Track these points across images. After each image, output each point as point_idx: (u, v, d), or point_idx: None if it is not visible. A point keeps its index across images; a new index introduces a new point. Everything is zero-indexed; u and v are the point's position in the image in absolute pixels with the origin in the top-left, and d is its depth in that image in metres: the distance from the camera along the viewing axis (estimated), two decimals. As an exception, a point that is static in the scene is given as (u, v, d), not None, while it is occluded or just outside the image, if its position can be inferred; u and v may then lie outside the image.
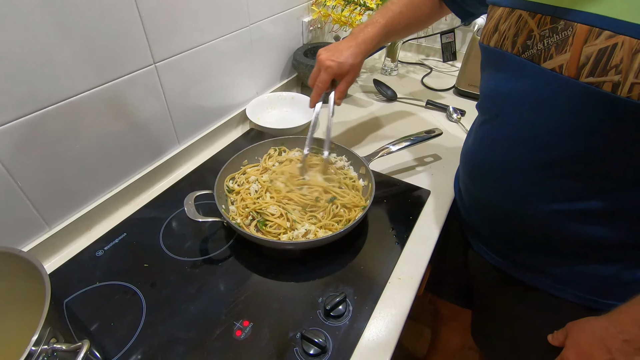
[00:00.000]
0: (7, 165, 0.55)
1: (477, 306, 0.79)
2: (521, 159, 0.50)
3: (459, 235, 0.75)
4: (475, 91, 1.10)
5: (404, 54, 1.41)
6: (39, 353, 0.35)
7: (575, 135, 0.44)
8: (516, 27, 0.48)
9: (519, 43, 0.47)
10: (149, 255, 0.65)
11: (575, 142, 0.44)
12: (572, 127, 0.44)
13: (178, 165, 0.85)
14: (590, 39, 0.40)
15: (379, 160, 0.79)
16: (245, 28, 0.90)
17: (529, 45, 0.46)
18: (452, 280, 0.84)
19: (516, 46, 0.48)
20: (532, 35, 0.46)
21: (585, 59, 0.40)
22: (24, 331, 0.46)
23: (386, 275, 0.62)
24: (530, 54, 0.46)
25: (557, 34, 0.43)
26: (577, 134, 0.44)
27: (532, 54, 0.46)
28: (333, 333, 0.54)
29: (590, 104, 0.41)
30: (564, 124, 0.44)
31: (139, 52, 0.67)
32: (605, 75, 0.39)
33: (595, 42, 0.39)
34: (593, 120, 0.42)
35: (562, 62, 0.42)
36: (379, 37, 0.70)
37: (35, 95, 0.55)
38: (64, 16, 0.55)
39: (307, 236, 0.63)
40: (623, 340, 0.45)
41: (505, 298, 0.66)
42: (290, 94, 1.04)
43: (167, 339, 0.53)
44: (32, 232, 0.62)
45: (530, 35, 0.46)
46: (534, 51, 0.46)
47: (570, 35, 0.42)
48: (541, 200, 0.51)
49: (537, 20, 0.45)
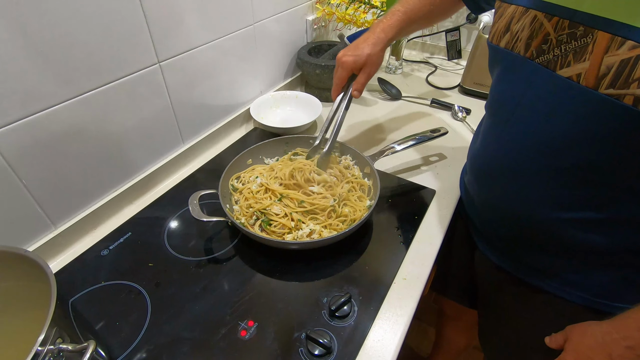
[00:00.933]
0: (12, 164, 0.55)
1: (482, 306, 0.78)
2: (530, 164, 0.49)
3: (464, 234, 0.74)
4: (481, 89, 1.09)
5: (409, 52, 1.40)
6: (45, 353, 0.35)
7: (588, 144, 0.42)
8: (530, 28, 0.46)
9: (533, 46, 0.45)
10: (154, 255, 0.65)
11: (588, 151, 0.43)
12: (586, 136, 0.42)
13: (182, 165, 0.85)
14: (612, 48, 0.37)
15: (383, 160, 0.79)
16: (250, 27, 0.90)
17: (544, 50, 0.44)
18: (457, 279, 0.83)
19: (530, 49, 0.46)
20: (548, 40, 0.44)
21: (606, 69, 0.38)
22: (29, 331, 0.46)
23: (391, 275, 0.62)
24: (545, 59, 0.44)
25: (575, 40, 0.41)
26: (591, 143, 0.42)
27: (548, 59, 0.44)
28: (338, 333, 0.53)
29: (608, 115, 0.39)
30: (578, 133, 0.43)
31: (143, 51, 0.67)
32: (627, 88, 0.37)
33: (618, 52, 0.37)
34: (609, 130, 0.40)
35: (580, 71, 0.40)
36: (399, 24, 0.69)
37: (39, 94, 0.55)
38: (69, 15, 0.55)
39: (312, 236, 0.63)
40: (626, 347, 0.44)
41: (510, 299, 0.65)
42: (295, 93, 1.04)
43: (172, 338, 0.53)
44: (37, 232, 0.62)
45: (546, 39, 0.44)
46: (549, 57, 0.44)
47: (590, 43, 0.39)
48: (548, 206, 0.50)
49: (553, 24, 0.43)
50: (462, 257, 0.76)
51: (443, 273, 0.83)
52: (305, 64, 1.03)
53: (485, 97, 1.09)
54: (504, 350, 0.71)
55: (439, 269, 0.82)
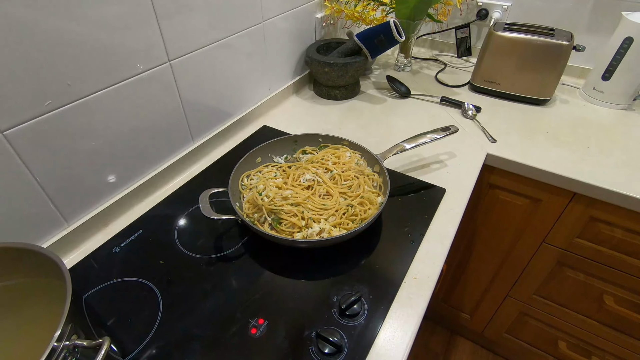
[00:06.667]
0: (27, 162, 0.56)
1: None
2: None
3: None
4: (491, 87, 1.08)
5: (417, 50, 1.39)
6: (61, 349, 0.35)
7: None
8: None
9: None
10: (165, 252, 0.65)
11: None
12: None
13: (192, 163, 0.85)
14: None
15: (393, 158, 0.78)
16: (259, 25, 0.89)
17: None
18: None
19: None
20: None
21: None
22: (43, 327, 0.47)
23: (401, 274, 0.61)
24: None
25: None
26: None
27: None
28: (348, 332, 0.53)
29: None
30: None
31: (154, 49, 0.68)
32: None
33: None
34: None
35: None
36: None
37: (52, 93, 0.56)
38: (79, 16, 0.55)
39: (322, 235, 0.63)
40: None
41: None
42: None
43: (184, 335, 0.54)
44: (50, 229, 0.63)
45: None
46: None
47: None
48: None
49: None
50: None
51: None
52: (314, 62, 1.02)
53: (495, 94, 1.08)
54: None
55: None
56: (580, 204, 0.85)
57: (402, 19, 1.09)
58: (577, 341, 1.12)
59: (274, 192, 0.67)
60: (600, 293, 0.97)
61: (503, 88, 1.07)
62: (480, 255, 1.13)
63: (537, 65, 1.00)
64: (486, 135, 0.93)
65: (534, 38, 0.97)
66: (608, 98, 1.02)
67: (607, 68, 0.99)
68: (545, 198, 0.89)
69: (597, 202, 0.82)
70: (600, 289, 0.97)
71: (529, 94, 1.04)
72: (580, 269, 0.96)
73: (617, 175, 0.80)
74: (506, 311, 1.20)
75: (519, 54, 1.00)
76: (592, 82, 1.05)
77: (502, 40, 1.01)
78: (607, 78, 1.00)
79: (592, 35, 1.11)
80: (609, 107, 1.03)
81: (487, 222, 1.04)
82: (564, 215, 0.89)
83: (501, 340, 1.31)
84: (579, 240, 0.91)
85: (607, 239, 0.87)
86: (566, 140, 0.91)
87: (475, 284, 1.21)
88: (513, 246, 1.04)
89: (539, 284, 1.06)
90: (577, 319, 1.06)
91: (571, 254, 0.95)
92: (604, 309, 0.99)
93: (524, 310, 1.15)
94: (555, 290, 1.05)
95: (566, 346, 1.15)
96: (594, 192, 0.80)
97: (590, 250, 0.91)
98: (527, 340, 1.25)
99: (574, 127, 0.96)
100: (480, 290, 1.22)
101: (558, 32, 0.99)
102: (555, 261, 0.99)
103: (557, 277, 1.02)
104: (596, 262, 0.92)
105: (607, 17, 1.07)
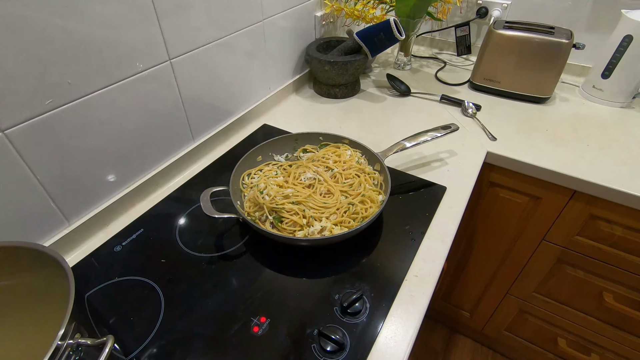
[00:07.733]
0: (27, 160, 0.56)
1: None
2: None
3: None
4: (491, 85, 1.08)
5: (417, 48, 1.39)
6: (65, 347, 0.35)
7: None
8: None
9: None
10: (166, 251, 0.65)
11: None
12: None
13: (193, 162, 0.85)
14: None
15: (393, 156, 0.78)
16: (259, 23, 0.89)
17: None
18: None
19: None
20: None
21: None
22: (46, 325, 0.47)
23: (402, 272, 0.61)
24: None
25: None
26: None
27: None
28: (350, 330, 0.53)
29: None
30: None
31: (155, 48, 0.67)
32: None
33: None
34: None
35: None
36: None
37: (53, 92, 0.56)
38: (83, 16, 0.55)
39: (323, 233, 0.63)
40: None
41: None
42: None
43: (186, 334, 0.54)
44: (52, 228, 0.63)
45: None
46: None
47: None
48: None
49: None
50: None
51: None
52: (314, 60, 1.02)
53: (495, 92, 1.08)
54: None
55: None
56: (580, 201, 0.86)
57: (402, 17, 1.09)
58: (577, 338, 1.12)
59: (275, 190, 0.67)
60: (599, 290, 0.98)
61: (503, 86, 1.07)
62: (480, 253, 1.13)
63: (536, 64, 1.00)
64: (486, 133, 0.93)
65: (534, 36, 0.97)
66: (608, 96, 1.03)
67: (606, 66, 0.99)
68: (545, 196, 0.89)
69: (597, 200, 0.83)
70: (599, 286, 0.97)
71: (529, 92, 1.05)
72: (580, 267, 0.97)
73: (617, 172, 0.81)
74: (506, 309, 1.20)
75: (518, 52, 1.00)
76: (591, 80, 1.05)
77: (502, 39, 1.01)
78: (607, 76, 1.00)
79: (592, 33, 1.11)
80: (608, 105, 1.03)
81: (487, 220, 1.04)
82: (564, 213, 0.90)
83: (501, 338, 1.31)
84: (579, 237, 0.92)
85: (607, 236, 0.88)
86: (566, 138, 0.92)
87: (475, 281, 1.22)
88: (513, 244, 1.04)
89: (539, 281, 1.06)
90: (576, 316, 1.07)
91: (571, 251, 0.95)
92: (603, 306, 0.99)
93: (523, 307, 1.16)
94: (555, 288, 1.05)
95: (566, 343, 1.15)
96: (593, 189, 0.80)
97: (590, 247, 0.91)
98: (527, 338, 1.25)
99: (573, 125, 0.96)
100: (480, 288, 1.22)
101: (558, 30, 0.99)
102: (555, 259, 0.99)
103: (557, 274, 1.02)
104: (596, 260, 0.93)
105: (606, 15, 1.07)
